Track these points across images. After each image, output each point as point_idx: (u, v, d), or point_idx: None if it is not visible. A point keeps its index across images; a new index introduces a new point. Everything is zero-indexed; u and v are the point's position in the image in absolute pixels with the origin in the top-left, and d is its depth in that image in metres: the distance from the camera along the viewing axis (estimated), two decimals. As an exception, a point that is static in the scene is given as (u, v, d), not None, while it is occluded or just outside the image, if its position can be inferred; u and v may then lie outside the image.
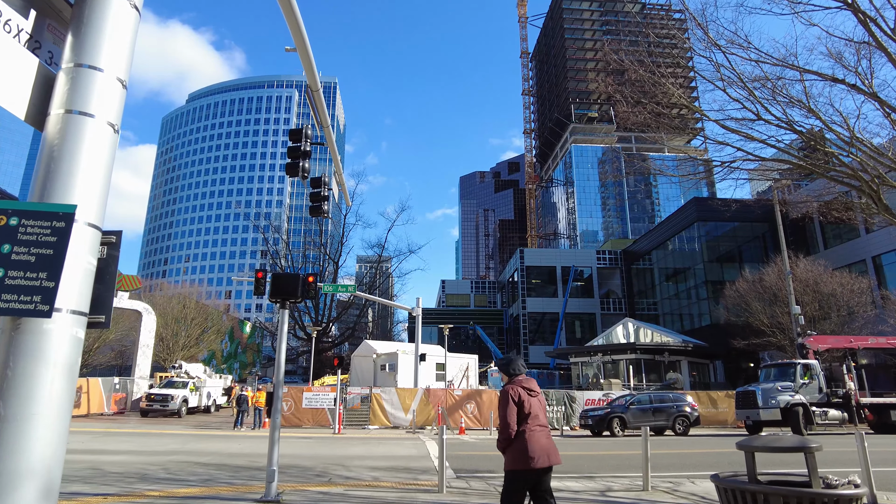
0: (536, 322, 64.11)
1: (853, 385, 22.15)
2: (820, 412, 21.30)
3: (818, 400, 21.62)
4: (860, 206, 10.63)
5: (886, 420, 21.76)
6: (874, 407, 21.89)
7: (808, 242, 43.64)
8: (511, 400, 4.78)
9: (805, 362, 22.30)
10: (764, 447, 3.91)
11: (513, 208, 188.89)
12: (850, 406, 21.60)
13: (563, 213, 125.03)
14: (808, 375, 21.93)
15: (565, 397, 26.34)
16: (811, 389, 21.70)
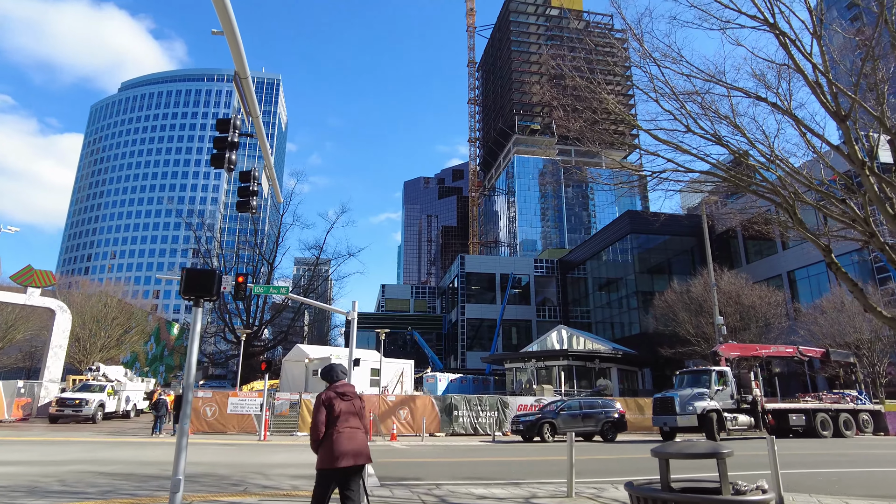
0: (475, 328, 64.47)
1: (759, 391, 22.96)
2: (731, 418, 21.75)
3: (730, 406, 22.08)
4: (777, 220, 11.09)
5: (785, 425, 22.74)
6: (775, 412, 22.82)
7: (732, 257, 45.99)
8: (321, 404, 5.16)
9: (719, 369, 22.70)
10: (678, 454, 3.87)
11: (456, 215, 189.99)
12: (757, 412, 22.31)
13: (505, 222, 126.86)
14: (722, 382, 22.33)
15: (498, 403, 26.44)
16: (724, 396, 22.11)
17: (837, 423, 23.67)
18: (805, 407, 23.62)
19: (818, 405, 23.98)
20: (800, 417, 23.15)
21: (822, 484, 10.48)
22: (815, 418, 23.23)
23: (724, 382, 22.33)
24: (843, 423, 23.74)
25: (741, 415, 22.09)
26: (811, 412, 23.36)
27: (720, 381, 22.28)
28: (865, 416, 24.95)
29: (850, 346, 28.26)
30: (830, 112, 8.09)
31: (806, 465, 13.47)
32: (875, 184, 8.04)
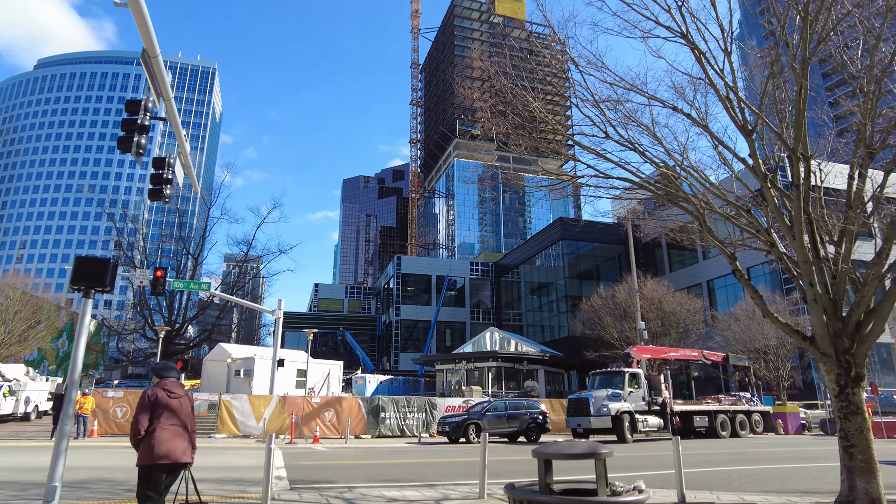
0: (409, 329, 64.22)
1: (668, 394, 23.33)
2: (643, 419, 21.96)
3: (642, 408, 22.29)
4: (692, 229, 11.52)
5: (690, 426, 23.34)
6: (682, 414, 23.35)
7: (656, 265, 47.99)
8: (146, 399, 5.14)
9: (632, 371, 22.87)
10: (556, 454, 3.85)
11: (395, 215, 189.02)
12: (666, 413, 22.70)
13: (444, 225, 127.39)
14: (634, 384, 22.51)
15: (426, 404, 26.33)
16: (636, 397, 22.30)
17: (734, 423, 24.77)
18: (708, 409, 24.45)
19: (718, 407, 24.96)
20: (703, 419, 23.86)
21: (724, 481, 10.97)
22: (716, 419, 24.10)
23: (637, 384, 22.60)
24: (738, 424, 24.89)
25: (652, 416, 22.40)
26: (713, 413, 24.22)
27: (633, 383, 22.51)
28: (757, 417, 26.31)
29: (758, 351, 30.03)
30: (738, 126, 8.46)
31: (709, 464, 14.10)
32: (776, 196, 8.46)
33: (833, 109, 40.83)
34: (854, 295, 8.07)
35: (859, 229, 8.26)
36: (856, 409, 7.79)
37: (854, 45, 9.42)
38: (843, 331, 7.87)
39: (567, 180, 10.07)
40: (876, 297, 8.09)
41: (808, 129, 12.00)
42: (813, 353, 8.17)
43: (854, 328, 7.85)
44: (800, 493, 9.41)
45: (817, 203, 8.98)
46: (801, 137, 7.84)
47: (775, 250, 8.65)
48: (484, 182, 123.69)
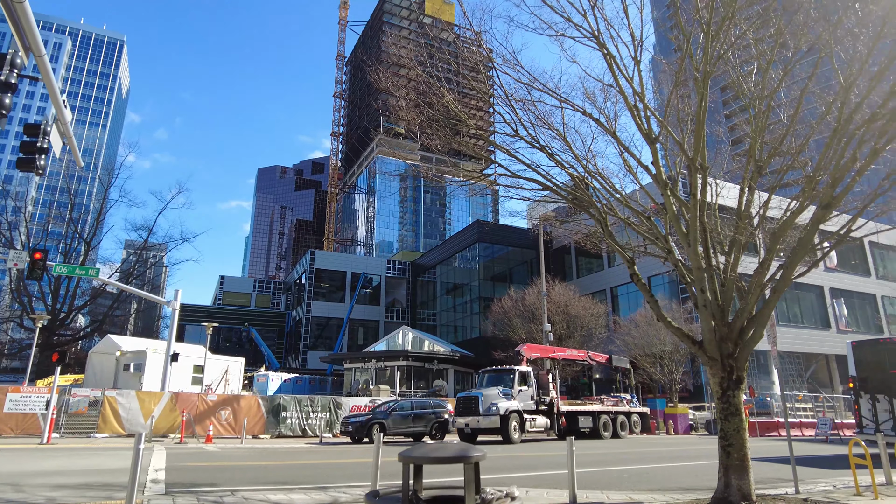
0: (321, 327, 62.58)
1: (556, 393, 23.19)
2: (530, 419, 21.53)
3: (530, 407, 21.85)
4: (596, 234, 11.77)
5: (575, 426, 23.22)
6: (568, 414, 23.18)
7: (565, 271, 49.65)
8: None
9: (522, 369, 22.37)
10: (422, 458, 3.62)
11: (313, 209, 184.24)
12: (553, 413, 22.47)
13: (363, 221, 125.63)
14: (524, 382, 22.02)
15: (331, 403, 25.59)
16: (525, 396, 21.80)
17: (616, 424, 25.11)
18: (592, 409, 24.60)
19: (602, 408, 25.20)
20: (587, 419, 23.94)
21: (616, 480, 11.30)
22: (599, 420, 24.33)
23: (526, 383, 22.15)
24: (619, 425, 25.33)
25: (540, 416, 22.10)
26: (596, 414, 24.44)
27: (522, 382, 22.03)
28: (636, 418, 26.94)
29: (654, 355, 31.73)
30: (643, 133, 8.68)
31: (601, 464, 14.56)
32: (675, 205, 8.75)
33: (732, 134, 44.08)
34: (739, 302, 8.48)
35: (747, 240, 8.71)
36: (735, 411, 8.18)
37: (750, 68, 9.98)
38: (728, 336, 8.26)
39: (476, 179, 9.95)
40: (758, 305, 8.57)
41: (708, 144, 12.67)
42: (701, 356, 8.52)
43: (738, 334, 8.25)
44: (682, 491, 9.81)
45: (712, 214, 9.41)
46: (699, 148, 8.14)
47: (672, 257, 8.95)
48: (406, 181, 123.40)
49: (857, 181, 7.55)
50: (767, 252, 7.96)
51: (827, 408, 36.08)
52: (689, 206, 8.27)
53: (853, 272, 47.02)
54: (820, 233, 8.63)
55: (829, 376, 43.56)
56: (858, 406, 18.03)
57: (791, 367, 42.88)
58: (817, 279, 44.32)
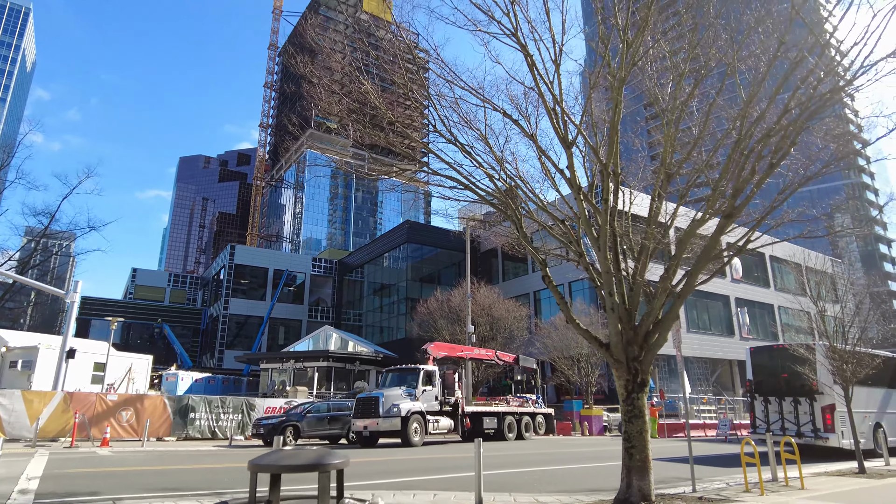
0: (239, 325, 60.15)
1: (461, 393, 22.48)
2: (434, 420, 20.87)
3: (434, 408, 21.15)
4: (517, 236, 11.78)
5: (479, 427, 22.64)
6: (473, 415, 22.57)
7: (492, 274, 50.25)
8: None
9: (428, 368, 21.66)
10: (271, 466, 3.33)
11: (237, 202, 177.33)
12: (457, 414, 21.77)
13: (290, 217, 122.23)
14: (428, 382, 21.33)
15: (244, 404, 24.50)
16: (429, 397, 21.08)
17: (521, 425, 24.79)
18: (497, 410, 24.06)
19: (507, 409, 24.79)
20: (492, 420, 23.41)
21: (528, 483, 11.34)
22: (503, 421, 23.87)
23: (431, 382, 21.43)
24: (524, 426, 25.03)
25: (444, 418, 21.47)
26: (501, 415, 23.94)
27: (427, 382, 21.31)
28: (540, 419, 26.61)
29: (572, 358, 32.60)
30: (560, 137, 8.73)
31: (514, 465, 14.66)
32: (587, 208, 8.86)
33: (652, 150, 46.20)
34: (647, 307, 8.68)
35: (655, 247, 8.94)
36: (638, 413, 8.36)
37: (665, 80, 10.31)
38: (634, 339, 8.43)
39: (395, 174, 9.69)
40: (664, 310, 8.82)
41: (626, 154, 13.04)
42: (607, 359, 8.66)
43: (643, 337, 8.45)
44: (588, 492, 9.95)
45: (624, 221, 9.61)
46: (612, 154, 8.27)
47: (583, 261, 9.06)
48: (337, 177, 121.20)
49: (756, 193, 7.90)
50: (672, 258, 8.20)
51: (728, 409, 38.42)
52: (600, 210, 8.38)
53: (755, 284, 50.53)
54: (727, 246, 9.02)
55: (731, 380, 46.52)
56: (753, 408, 19.21)
57: (699, 372, 45.45)
58: (724, 289, 47.28)
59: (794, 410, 17.89)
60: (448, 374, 22.72)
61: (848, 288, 16.05)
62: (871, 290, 24.49)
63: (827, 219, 8.67)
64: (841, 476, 12.66)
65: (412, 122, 10.32)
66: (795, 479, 10.94)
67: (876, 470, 13.71)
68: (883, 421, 18.59)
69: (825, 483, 11.43)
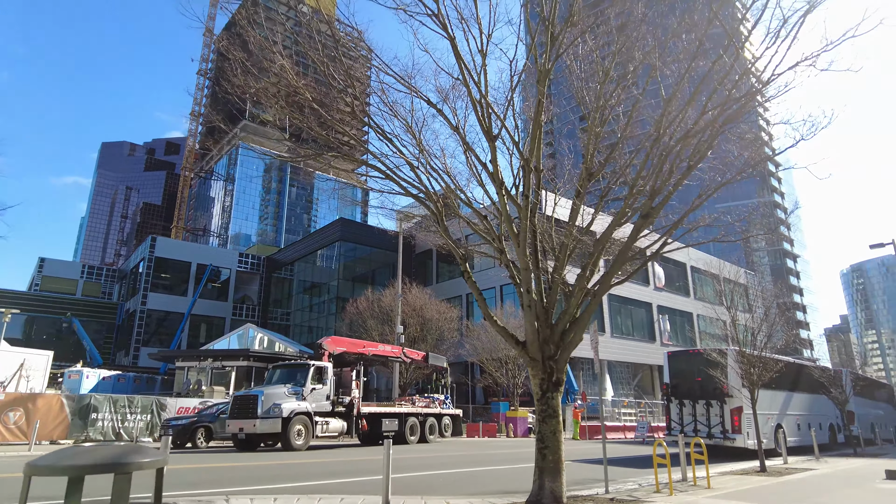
0: (158, 321, 56.93)
1: (358, 393, 20.82)
2: (323, 422, 19.17)
3: (325, 408, 19.46)
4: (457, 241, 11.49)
5: (378, 430, 21.15)
6: (370, 417, 20.93)
7: (426, 276, 49.95)
8: None
9: (320, 365, 19.93)
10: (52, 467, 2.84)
11: (163, 193, 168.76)
12: (352, 415, 20.13)
13: (219, 210, 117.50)
14: (319, 380, 19.55)
15: (154, 404, 22.97)
16: (319, 396, 19.33)
17: (425, 427, 23.40)
18: (399, 411, 22.53)
19: (411, 409, 23.28)
20: (392, 422, 21.79)
21: (444, 485, 11.03)
22: (406, 423, 22.31)
23: (322, 380, 19.63)
24: (429, 428, 23.68)
25: (335, 419, 19.75)
26: (403, 416, 22.39)
27: (317, 379, 19.51)
28: (447, 420, 25.18)
29: (500, 360, 32.75)
30: (484, 130, 8.49)
31: (429, 468, 14.35)
32: (509, 204, 8.66)
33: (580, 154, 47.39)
34: (564, 305, 8.58)
35: (575, 244, 8.87)
36: (553, 413, 8.23)
37: (593, 84, 10.33)
38: (550, 338, 8.30)
39: (302, 156, 9.17)
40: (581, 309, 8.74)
41: (559, 159, 13.03)
42: (523, 357, 8.48)
43: (560, 336, 8.33)
44: (502, 494, 9.76)
45: (545, 218, 9.50)
46: (534, 149, 8.11)
47: (504, 257, 8.87)
48: (271, 171, 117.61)
49: (674, 194, 7.95)
50: (590, 257, 8.13)
51: (648, 412, 39.84)
52: (521, 206, 8.20)
53: (677, 293, 52.83)
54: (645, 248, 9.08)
55: (652, 384, 48.34)
56: (669, 410, 19.84)
57: (621, 376, 46.95)
58: (647, 297, 49.13)
59: (706, 413, 18.60)
60: (346, 373, 21.27)
61: (758, 295, 16.80)
62: (779, 301, 26.07)
63: (741, 225, 8.87)
64: (745, 475, 13.15)
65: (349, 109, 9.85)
66: (703, 479, 11.21)
67: (775, 468, 14.36)
68: (783, 422, 19.67)
69: (730, 482, 11.80)
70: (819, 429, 22.09)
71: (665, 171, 7.68)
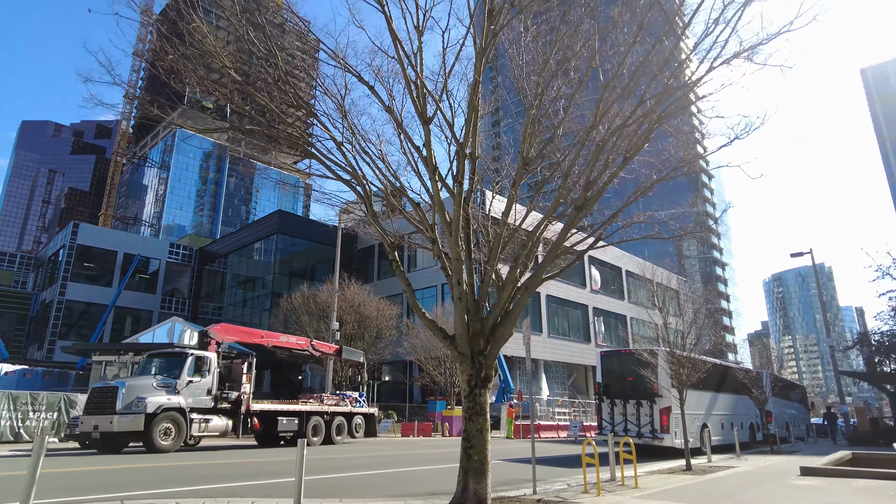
0: (78, 313, 53.32)
1: (249, 388, 18.72)
2: (201, 419, 16.96)
3: (205, 404, 17.24)
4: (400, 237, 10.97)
5: (273, 430, 19.27)
6: (263, 415, 18.78)
7: (367, 273, 49.06)
8: None
9: (201, 354, 17.70)
10: None
11: (91, 178, 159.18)
12: (240, 413, 17.91)
13: (151, 199, 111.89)
14: (199, 372, 17.29)
15: (62, 402, 21.18)
16: (198, 390, 17.11)
17: (331, 427, 21.41)
18: (299, 409, 20.37)
19: (314, 407, 21.14)
20: (291, 421, 19.76)
21: (364, 486, 10.51)
22: (308, 422, 20.31)
23: (202, 372, 17.40)
24: (336, 428, 21.72)
25: (217, 417, 17.56)
26: (305, 415, 20.35)
27: (196, 370, 17.26)
28: (359, 420, 23.23)
29: (438, 359, 32.39)
30: (418, 112, 8.04)
31: (350, 469, 13.80)
32: (446, 194, 8.24)
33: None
34: (496, 298, 8.24)
35: (510, 236, 8.55)
36: (480, 411, 7.86)
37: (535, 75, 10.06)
38: (481, 332, 7.93)
39: (236, 130, 8.46)
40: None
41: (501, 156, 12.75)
42: (452, 352, 8.09)
43: (490, 330, 7.98)
44: (425, 496, 9.35)
45: (481, 209, 9.15)
46: (469, 134, 7.72)
47: (436, 247, 8.45)
48: (209, 160, 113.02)
49: (609, 186, 7.74)
50: (522, 247, 7.82)
51: (581, 412, 40.54)
52: (454, 192, 7.80)
53: (612, 296, 54.21)
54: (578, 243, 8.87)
55: (586, 384, 49.33)
56: (601, 409, 20.03)
57: (557, 376, 47.68)
58: (584, 299, 50.12)
59: (636, 413, 18.88)
60: (237, 364, 19.36)
61: (688, 297, 17.13)
62: (708, 306, 27.04)
63: (674, 224, 8.80)
64: (671, 474, 13.29)
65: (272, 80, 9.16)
66: (631, 479, 11.17)
67: (700, 467, 14.63)
68: (708, 422, 20.25)
69: (657, 481, 11.84)
70: (741, 428, 22.95)
71: (601, 163, 7.46)
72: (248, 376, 19.04)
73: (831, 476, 12.45)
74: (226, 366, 19.11)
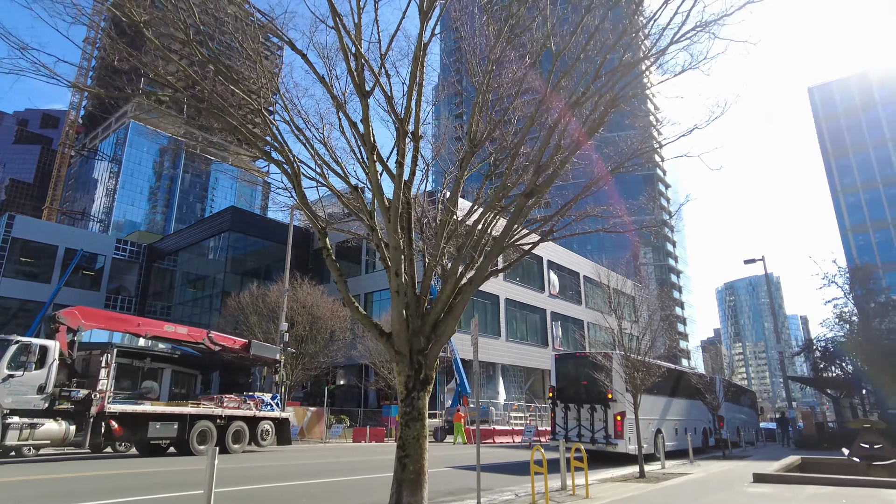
0: (11, 311, 50.15)
1: (107, 386, 15.74)
2: (24, 424, 13.78)
3: (35, 405, 14.25)
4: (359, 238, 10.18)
5: (144, 436, 16.56)
6: (126, 418, 15.75)
7: (323, 273, 47.68)
8: None
9: (26, 341, 14.58)
10: None
11: (35, 169, 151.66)
12: (87, 416, 14.91)
13: (101, 193, 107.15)
14: (25, 365, 14.21)
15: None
16: (23, 386, 14.08)
17: (226, 433, 18.76)
18: (178, 412, 17.62)
19: (200, 410, 18.31)
20: (168, 426, 17.07)
21: (294, 497, 9.63)
22: (193, 428, 17.66)
23: (28, 365, 14.23)
24: (232, 434, 19.00)
25: (52, 420, 14.48)
26: (189, 419, 17.61)
27: (20, 364, 14.12)
28: (267, 426, 20.43)
29: (382, 363, 31.33)
30: (355, 84, 7.28)
31: (280, 478, 12.90)
32: (381, 170, 7.50)
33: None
34: (438, 292, 7.53)
35: (455, 225, 7.87)
36: (417, 416, 7.14)
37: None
38: (421, 329, 7.21)
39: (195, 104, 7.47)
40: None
41: (450, 147, 12.07)
42: (388, 350, 7.34)
43: (432, 327, 7.27)
44: (360, 509, 8.53)
45: (425, 196, 8.45)
46: (410, 109, 7.01)
47: (374, 235, 7.70)
48: (165, 155, 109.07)
49: (560, 174, 7.15)
50: (467, 237, 7.15)
51: (537, 416, 40.23)
52: (394, 174, 7.07)
53: (570, 301, 54.31)
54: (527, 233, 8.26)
55: (543, 388, 49.16)
56: (554, 414, 19.55)
57: (515, 380, 47.36)
58: (542, 304, 50.00)
59: (590, 417, 18.46)
60: (95, 356, 16.64)
61: (644, 299, 16.82)
62: (663, 312, 27.07)
63: (629, 218, 8.29)
64: (624, 482, 12.83)
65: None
66: (582, 487, 10.62)
67: (654, 474, 14.24)
68: (662, 427, 20.02)
69: (609, 490, 11.34)
70: (694, 433, 22.87)
71: (552, 145, 6.85)
72: (107, 371, 15.89)
73: (783, 483, 12.21)
74: (84, 359, 16.61)
